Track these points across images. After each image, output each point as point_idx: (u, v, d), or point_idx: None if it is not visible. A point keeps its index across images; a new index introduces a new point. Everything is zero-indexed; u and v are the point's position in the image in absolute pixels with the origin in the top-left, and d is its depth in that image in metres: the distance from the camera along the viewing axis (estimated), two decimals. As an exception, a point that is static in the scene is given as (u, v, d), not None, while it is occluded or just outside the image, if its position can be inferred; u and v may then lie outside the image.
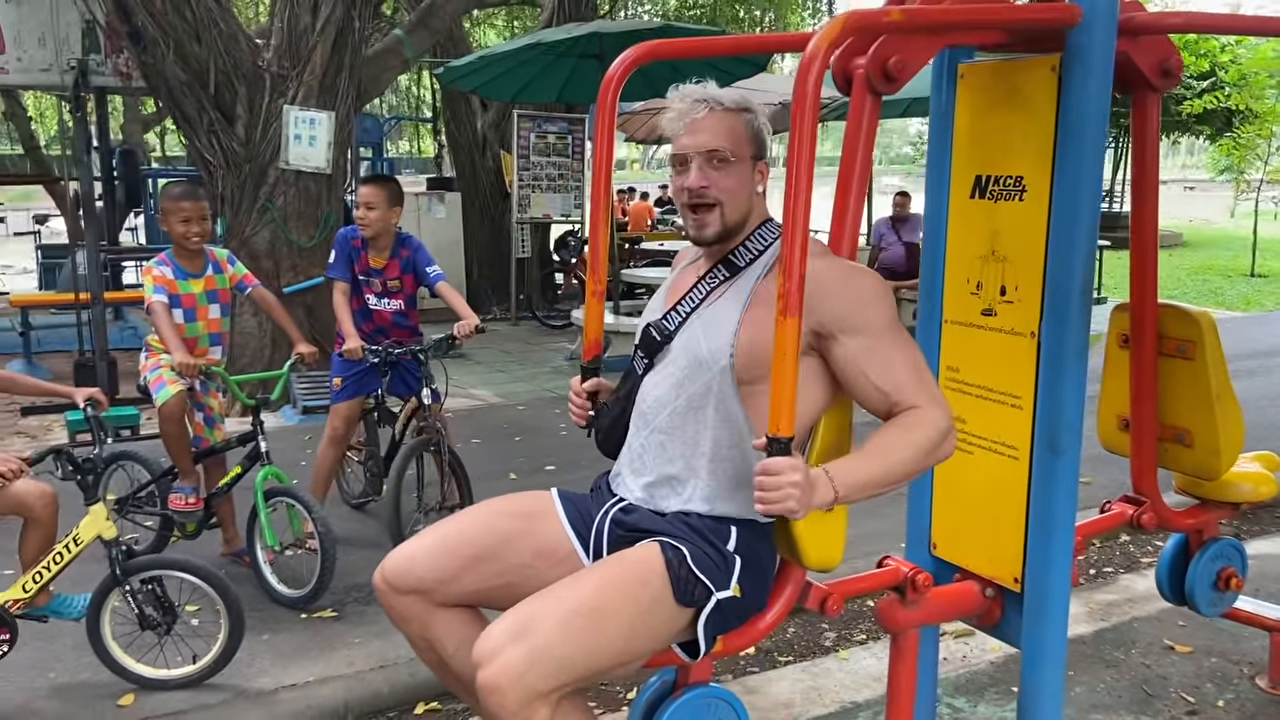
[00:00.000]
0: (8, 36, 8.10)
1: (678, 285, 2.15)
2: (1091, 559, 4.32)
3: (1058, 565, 2.29)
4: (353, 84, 7.11)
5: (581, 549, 2.05)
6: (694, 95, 1.98)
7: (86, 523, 3.07)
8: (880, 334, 1.91)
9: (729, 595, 1.91)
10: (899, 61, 1.94)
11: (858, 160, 2.04)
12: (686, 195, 1.98)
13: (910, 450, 1.87)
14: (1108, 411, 2.78)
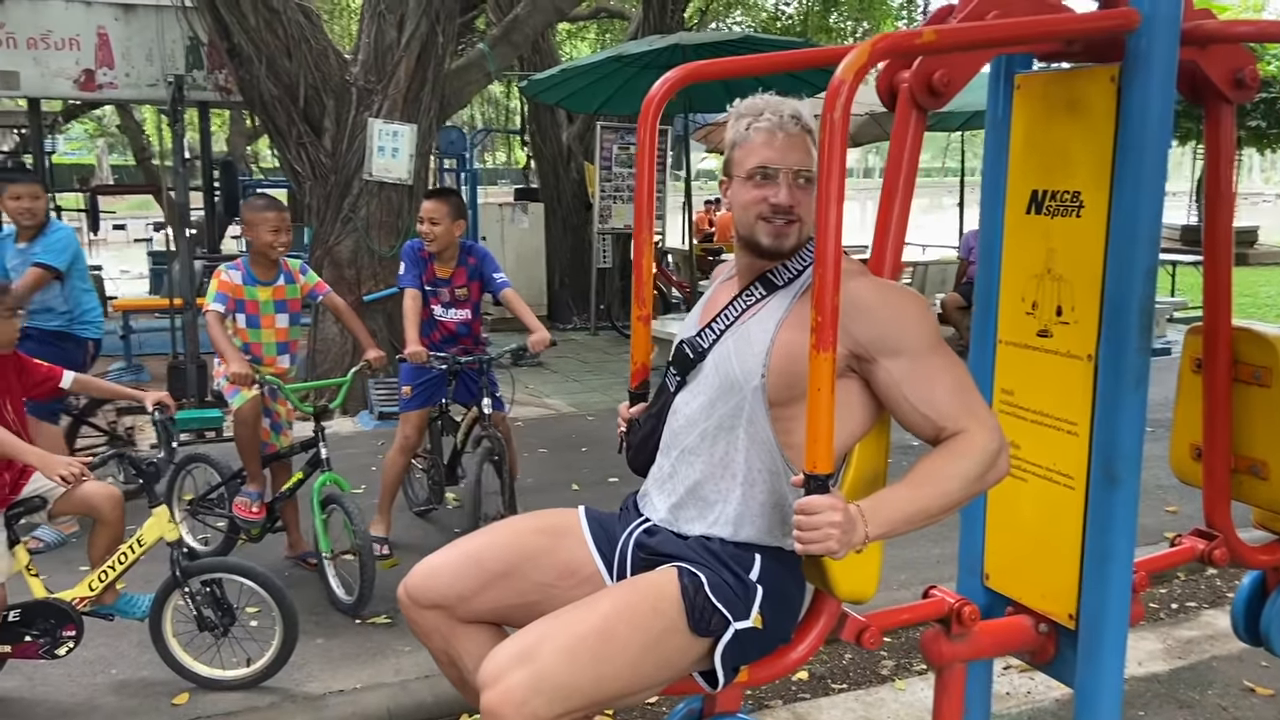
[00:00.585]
0: (117, 52, 8.50)
1: (714, 301, 2.11)
2: (1175, 592, 4.11)
3: (1114, 602, 2.17)
4: (435, 97, 7.24)
5: (605, 570, 2.02)
6: (788, 111, 1.94)
7: (150, 525, 3.15)
8: (922, 355, 1.84)
9: (748, 626, 1.85)
10: (944, 76, 1.87)
11: (901, 177, 1.98)
12: (770, 209, 1.93)
13: (954, 481, 1.80)
14: (1180, 439, 2.63)
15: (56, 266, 4.53)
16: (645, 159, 2.24)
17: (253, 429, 3.97)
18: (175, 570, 3.16)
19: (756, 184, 1.94)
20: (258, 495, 4.05)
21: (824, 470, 1.65)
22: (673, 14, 11.78)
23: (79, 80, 8.45)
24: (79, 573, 3.36)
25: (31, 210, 4.59)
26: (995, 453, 1.82)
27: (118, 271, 14.32)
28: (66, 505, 3.20)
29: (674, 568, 1.87)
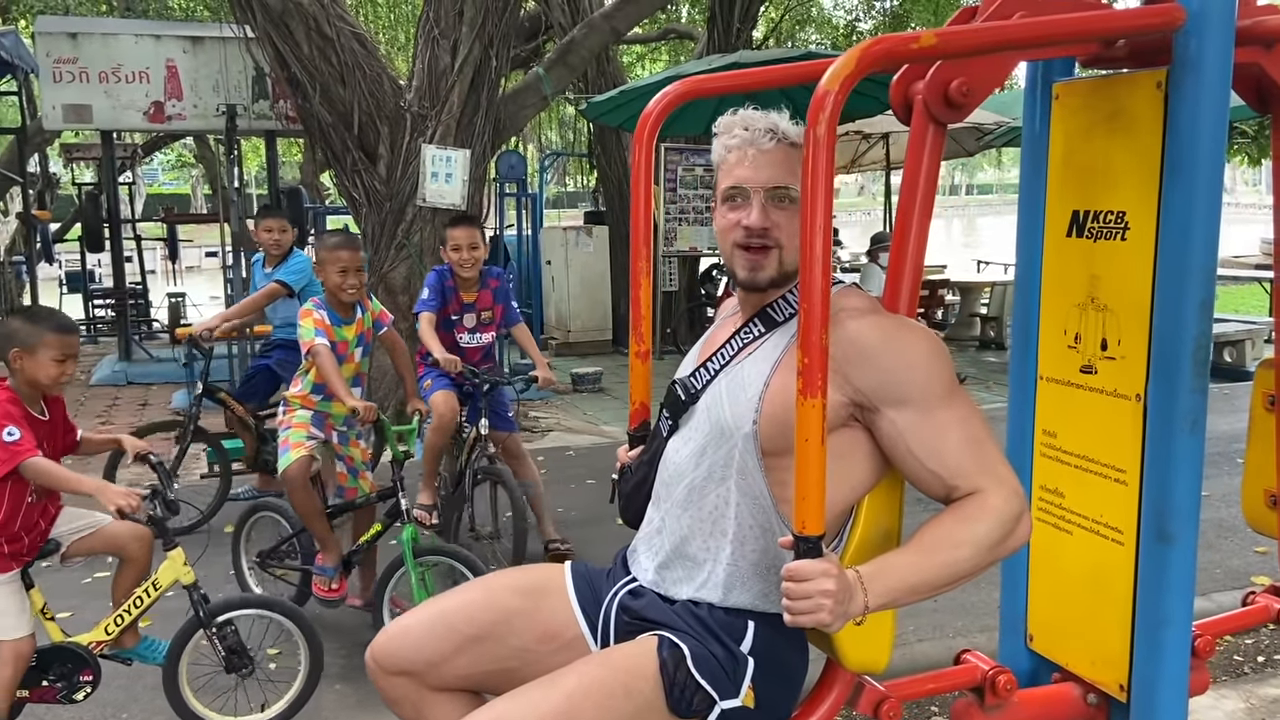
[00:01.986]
0: (185, 84, 8.70)
1: (714, 337, 1.92)
2: (1262, 642, 3.75)
3: (1171, 672, 1.92)
4: (489, 122, 7.19)
5: (590, 633, 1.84)
6: (761, 124, 1.74)
7: (165, 568, 3.07)
8: (931, 405, 1.63)
9: (737, 705, 1.65)
10: (963, 85, 1.67)
11: (918, 199, 1.77)
12: (743, 234, 1.73)
13: (964, 549, 1.59)
14: (1253, 485, 2.35)
15: (290, 285, 5.14)
16: (640, 181, 2.08)
17: (304, 490, 3.72)
18: (198, 611, 3.06)
19: (731, 207, 1.75)
20: (334, 570, 3.79)
21: (814, 531, 1.46)
22: (739, 33, 11.61)
23: (148, 112, 8.67)
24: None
25: (279, 241, 5.23)
26: (1014, 517, 1.60)
27: (207, 298, 14.68)
28: (92, 544, 3.12)
29: (654, 637, 1.68)
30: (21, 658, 2.86)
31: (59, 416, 3.03)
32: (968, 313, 11.86)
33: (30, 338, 2.84)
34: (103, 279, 13.70)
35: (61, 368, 2.86)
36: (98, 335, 12.36)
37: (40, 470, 2.79)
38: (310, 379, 3.86)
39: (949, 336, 11.51)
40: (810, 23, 17.57)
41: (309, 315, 3.79)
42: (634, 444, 2.06)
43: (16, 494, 2.83)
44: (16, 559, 2.87)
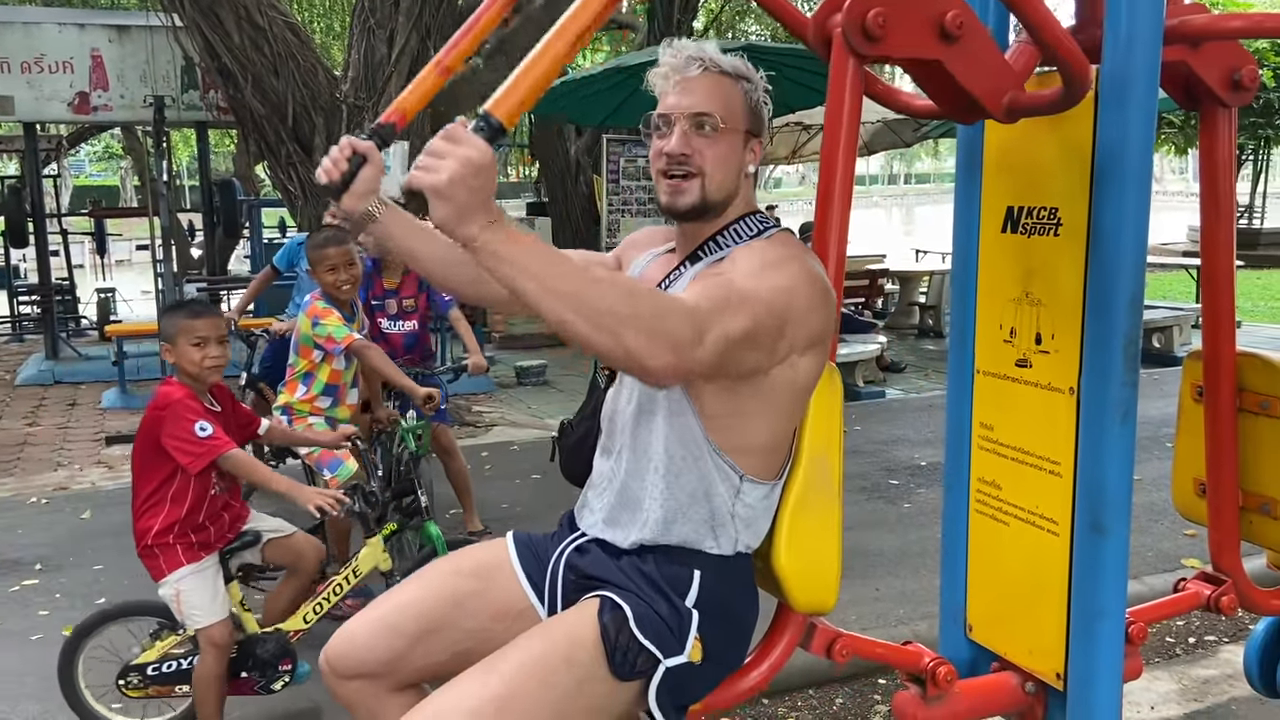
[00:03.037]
0: (111, 74, 8.46)
1: (645, 281, 1.86)
2: (1193, 624, 3.85)
3: (1105, 662, 1.95)
4: (427, 114, 7.08)
5: (537, 600, 1.82)
6: (688, 51, 1.71)
7: (365, 554, 3.12)
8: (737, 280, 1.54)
9: (682, 661, 1.64)
10: (879, 15, 1.63)
11: (841, 142, 1.74)
12: (664, 161, 1.70)
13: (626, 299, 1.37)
14: (1183, 474, 2.41)
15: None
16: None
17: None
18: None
19: (658, 135, 1.72)
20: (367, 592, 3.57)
21: (502, 117, 1.33)
22: (680, 24, 11.60)
23: (73, 103, 8.41)
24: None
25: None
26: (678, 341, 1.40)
27: (139, 293, 14.29)
28: (275, 552, 3.07)
29: (596, 599, 1.66)
30: (219, 644, 2.82)
31: (229, 406, 3.01)
32: (906, 301, 12.00)
33: (169, 329, 2.83)
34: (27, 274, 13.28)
35: (202, 351, 2.80)
36: (23, 333, 11.97)
37: (238, 463, 2.81)
38: (322, 380, 3.76)
39: (888, 325, 11.65)
40: (750, 14, 17.61)
41: (330, 313, 3.65)
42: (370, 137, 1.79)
43: (201, 486, 2.83)
44: (205, 548, 2.85)
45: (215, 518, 2.89)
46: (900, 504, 5.17)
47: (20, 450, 6.56)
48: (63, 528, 4.95)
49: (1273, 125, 17.21)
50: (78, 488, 5.70)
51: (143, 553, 2.85)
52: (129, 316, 11.96)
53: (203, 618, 2.80)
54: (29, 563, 4.47)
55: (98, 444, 6.67)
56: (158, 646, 2.97)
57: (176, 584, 2.80)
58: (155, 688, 2.92)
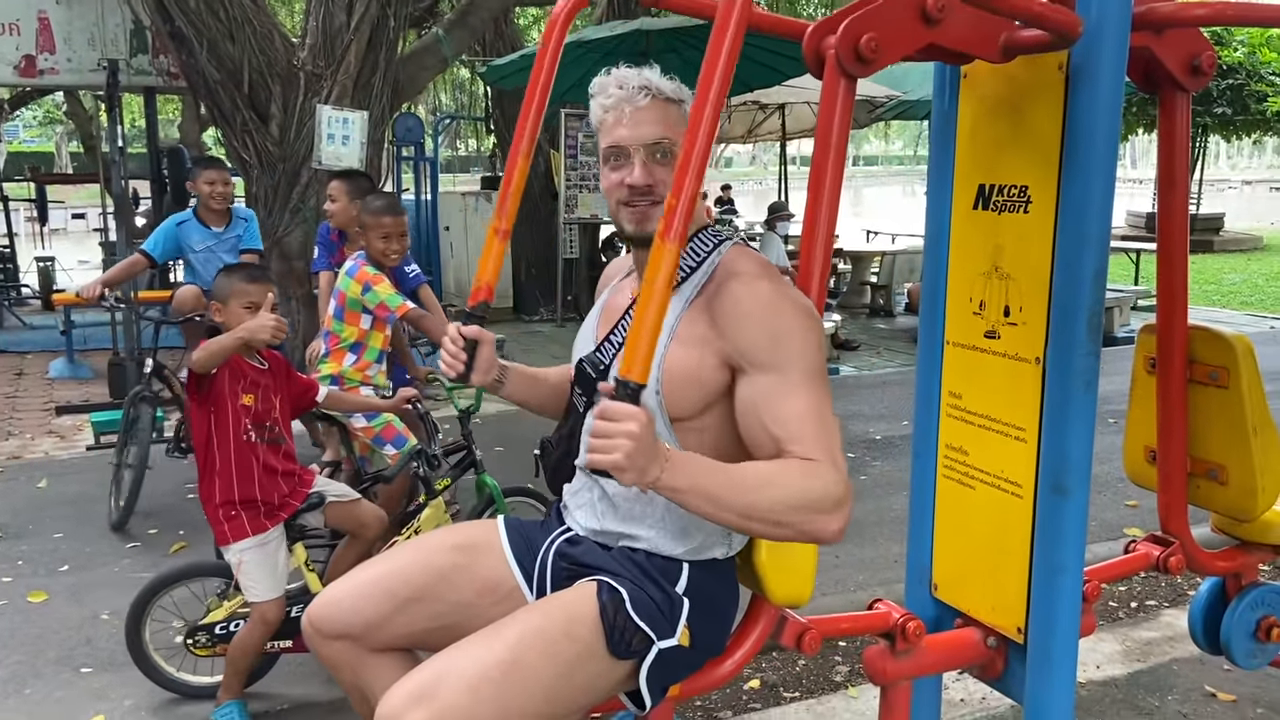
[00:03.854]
0: (58, 37, 8.23)
1: (610, 310, 1.96)
2: (1134, 590, 4.03)
3: (1064, 616, 2.06)
4: (388, 83, 7.05)
5: (525, 584, 1.89)
6: (633, 81, 1.76)
7: (428, 515, 3.23)
8: (790, 374, 1.64)
9: (673, 644, 1.72)
10: (873, 40, 1.71)
11: (831, 155, 1.80)
12: (626, 193, 1.76)
13: (782, 492, 1.54)
14: (1134, 442, 2.54)
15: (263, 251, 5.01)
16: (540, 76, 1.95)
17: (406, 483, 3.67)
18: None
19: (614, 167, 1.78)
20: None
21: (637, 379, 1.44)
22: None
23: (19, 66, 8.18)
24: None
25: (224, 194, 4.93)
26: (839, 499, 1.57)
27: (75, 262, 13.97)
28: (337, 515, 3.09)
29: (593, 583, 1.74)
30: (269, 622, 2.85)
31: (283, 371, 3.02)
32: (858, 281, 12.19)
33: (224, 290, 2.88)
34: (-37, 242, 12.92)
35: (246, 315, 2.85)
36: (-38, 301, 11.65)
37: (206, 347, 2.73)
38: (375, 348, 3.76)
39: (841, 304, 11.82)
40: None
41: (380, 280, 3.66)
42: (468, 321, 1.89)
43: (250, 451, 2.85)
44: (271, 516, 2.88)
45: (274, 484, 2.89)
46: (857, 475, 5.32)
47: (-33, 419, 6.45)
48: (19, 496, 4.90)
49: (1210, 113, 17.71)
50: (30, 457, 5.63)
51: (209, 516, 2.87)
52: (69, 286, 11.71)
53: (259, 592, 2.84)
54: (-14, 531, 4.42)
55: (48, 414, 6.57)
56: (225, 606, 3.01)
57: (240, 554, 2.83)
58: (222, 646, 2.96)
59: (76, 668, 3.24)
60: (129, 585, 3.73)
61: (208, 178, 4.85)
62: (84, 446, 5.74)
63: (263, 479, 2.87)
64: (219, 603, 3.03)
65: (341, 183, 4.41)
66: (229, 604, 3.01)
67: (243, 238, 4.94)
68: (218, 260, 4.80)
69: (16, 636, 3.45)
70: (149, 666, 3.03)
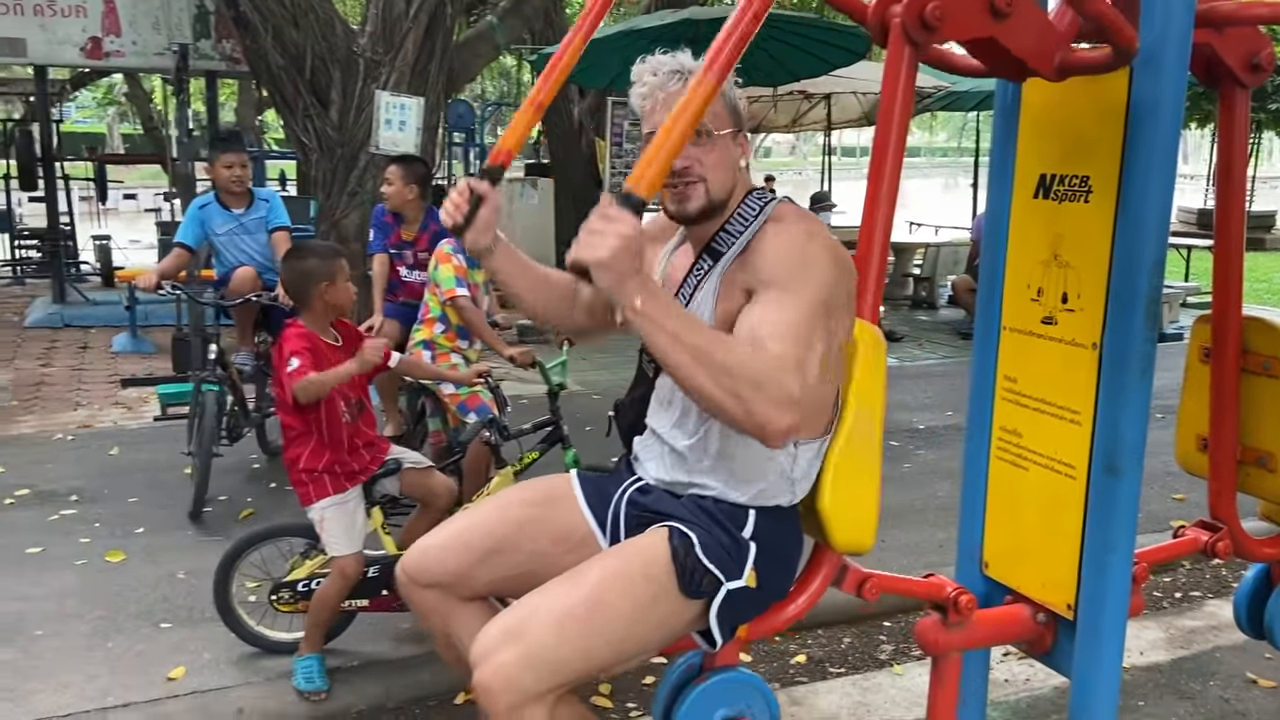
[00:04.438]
0: (124, 20, 8.46)
1: (670, 279, 2.04)
2: (1179, 581, 4.08)
3: (1114, 594, 2.14)
4: (443, 70, 7.17)
5: (599, 531, 2.00)
6: (667, 66, 1.85)
7: (497, 482, 3.37)
8: (796, 293, 1.69)
9: (741, 585, 1.82)
10: (937, 9, 1.78)
11: (894, 126, 1.88)
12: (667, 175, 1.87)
13: (741, 360, 1.58)
14: (1186, 430, 2.60)
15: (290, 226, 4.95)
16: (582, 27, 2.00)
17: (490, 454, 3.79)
18: None
19: None
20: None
21: (643, 194, 1.52)
22: (686, -14, 11.63)
23: (85, 48, 8.42)
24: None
25: (240, 178, 4.87)
26: (790, 397, 1.58)
27: (127, 241, 14.30)
28: (412, 482, 3.24)
29: (665, 528, 1.84)
30: (347, 576, 3.00)
31: (353, 343, 3.15)
32: (901, 273, 12.17)
33: (327, 268, 3.02)
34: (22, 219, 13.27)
35: (351, 287, 3.09)
36: (24, 277, 12.00)
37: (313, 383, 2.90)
38: (454, 321, 3.96)
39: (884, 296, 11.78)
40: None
41: (448, 261, 3.87)
42: (482, 178, 1.94)
43: (337, 420, 3.02)
44: (350, 479, 3.04)
45: (355, 451, 3.07)
46: (901, 464, 5.38)
47: (38, 390, 6.68)
48: (92, 463, 5.11)
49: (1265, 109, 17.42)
50: (100, 426, 5.84)
51: (294, 479, 3.04)
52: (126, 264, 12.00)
53: (339, 547, 2.99)
54: (64, 494, 4.62)
55: (113, 386, 6.79)
56: (307, 565, 3.16)
57: (322, 511, 2.99)
58: (304, 603, 3.10)
59: (156, 623, 3.41)
60: (202, 548, 3.92)
61: (225, 161, 4.84)
62: (151, 417, 5.94)
63: (350, 446, 3.05)
64: (301, 561, 3.18)
65: (398, 167, 4.58)
66: (310, 563, 3.15)
67: (267, 218, 4.93)
68: (240, 243, 4.90)
69: (98, 593, 3.63)
70: (234, 620, 3.18)
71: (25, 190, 10.69)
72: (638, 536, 1.88)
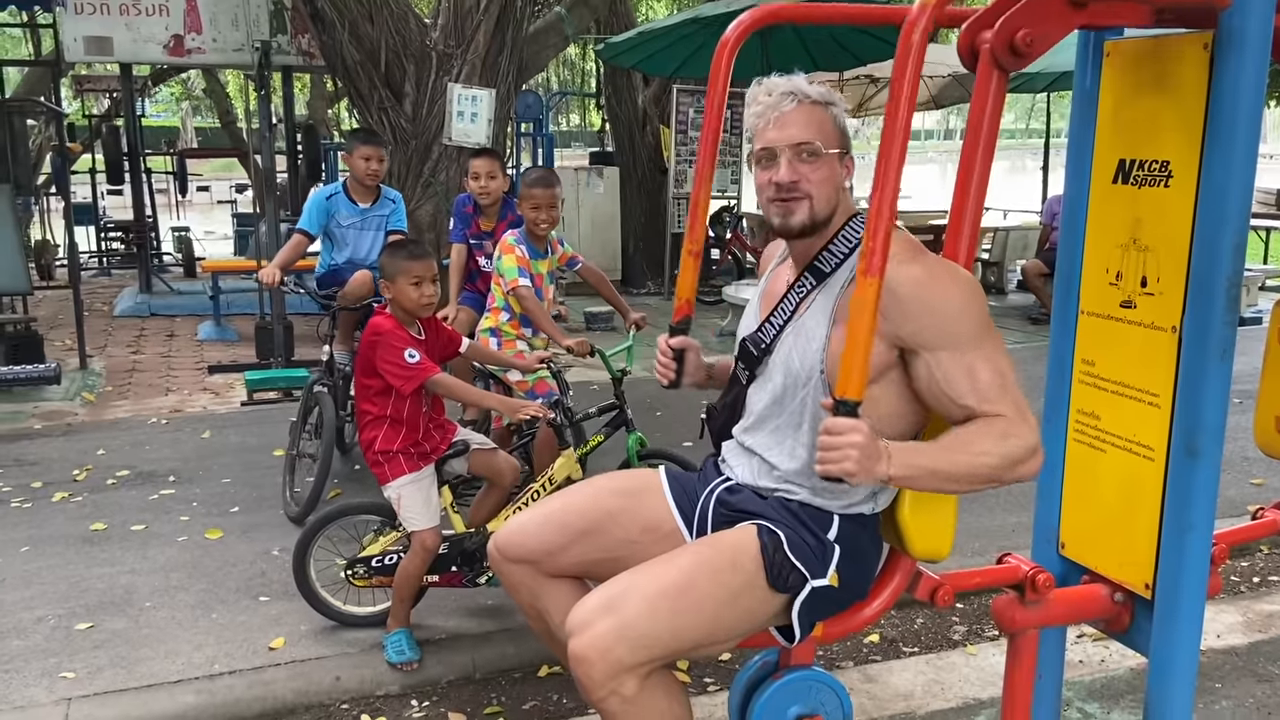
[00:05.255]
0: (204, 17, 8.73)
1: (770, 293, 2.13)
2: (1257, 565, 4.04)
3: (1192, 574, 2.17)
4: (514, 62, 7.30)
5: (685, 526, 2.09)
6: (780, 88, 1.93)
7: (560, 464, 3.47)
8: (963, 347, 1.83)
9: (824, 584, 1.91)
10: (1028, 35, 1.84)
11: (981, 143, 1.96)
12: (774, 190, 1.94)
13: (989, 458, 1.79)
14: (1266, 411, 2.60)
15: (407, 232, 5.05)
16: (715, 99, 2.17)
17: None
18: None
19: (764, 168, 1.95)
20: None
21: (854, 396, 1.66)
22: (752, -26, 11.61)
23: (168, 45, 8.71)
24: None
25: (376, 172, 4.87)
26: (1032, 448, 1.82)
27: (203, 232, 14.77)
28: (480, 462, 3.39)
29: (754, 525, 1.93)
30: (428, 548, 3.15)
31: (433, 331, 3.33)
32: (970, 258, 12.02)
33: (391, 268, 3.15)
34: (106, 211, 13.77)
35: (420, 290, 3.14)
36: (110, 268, 12.47)
37: (445, 385, 3.19)
38: (516, 309, 4.09)
39: (951, 281, 11.67)
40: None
41: (511, 251, 4.01)
42: (673, 334, 2.22)
43: (414, 404, 3.17)
44: (424, 458, 3.19)
45: (427, 433, 3.22)
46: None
47: (130, 376, 6.98)
48: (187, 445, 5.35)
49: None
50: (191, 411, 6.10)
51: (370, 460, 3.19)
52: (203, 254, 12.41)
53: (419, 521, 3.13)
54: (163, 475, 4.86)
55: (200, 373, 7.07)
56: (380, 541, 3.31)
57: (399, 489, 3.14)
58: (378, 578, 3.26)
59: (255, 596, 3.59)
60: (293, 527, 4.09)
61: (364, 153, 4.82)
62: (238, 402, 6.18)
63: (423, 429, 3.19)
64: (375, 538, 3.32)
65: (490, 161, 4.71)
66: (384, 539, 3.30)
67: (389, 218, 4.96)
68: (360, 237, 4.89)
69: (200, 568, 3.82)
70: (313, 598, 3.34)
71: (112, 184, 11.09)
72: (727, 531, 1.97)
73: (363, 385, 3.18)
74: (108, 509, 4.42)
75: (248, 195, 14.94)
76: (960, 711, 2.99)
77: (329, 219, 4.91)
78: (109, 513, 4.38)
